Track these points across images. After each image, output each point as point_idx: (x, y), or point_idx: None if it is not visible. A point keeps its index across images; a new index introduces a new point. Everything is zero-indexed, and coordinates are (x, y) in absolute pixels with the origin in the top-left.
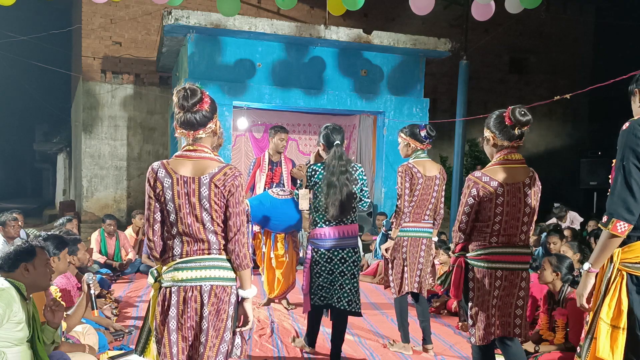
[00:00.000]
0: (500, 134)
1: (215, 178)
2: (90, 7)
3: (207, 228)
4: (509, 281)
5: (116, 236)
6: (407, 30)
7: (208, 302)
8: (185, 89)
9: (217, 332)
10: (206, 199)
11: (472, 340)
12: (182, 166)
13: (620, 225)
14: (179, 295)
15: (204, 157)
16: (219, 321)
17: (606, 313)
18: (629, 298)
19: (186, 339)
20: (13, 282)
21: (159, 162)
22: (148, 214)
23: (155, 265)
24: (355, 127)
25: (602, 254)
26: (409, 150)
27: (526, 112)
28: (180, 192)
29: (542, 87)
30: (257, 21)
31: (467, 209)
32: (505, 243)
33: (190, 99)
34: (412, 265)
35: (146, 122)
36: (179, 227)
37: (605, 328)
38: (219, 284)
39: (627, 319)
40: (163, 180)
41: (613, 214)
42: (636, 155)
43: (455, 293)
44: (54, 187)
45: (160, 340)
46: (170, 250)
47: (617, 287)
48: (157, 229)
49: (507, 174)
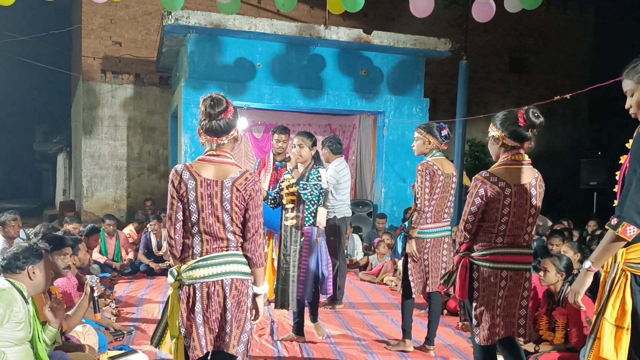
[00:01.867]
0: (511, 135)
1: (237, 182)
2: (90, 7)
3: (227, 228)
4: (513, 281)
5: (116, 236)
6: (407, 30)
7: (230, 294)
8: (212, 97)
9: (238, 323)
10: (228, 202)
11: (476, 340)
12: (205, 169)
13: (630, 229)
14: (202, 291)
15: (226, 162)
16: (239, 312)
17: (610, 313)
18: (633, 298)
19: (212, 331)
20: (14, 282)
21: (181, 164)
22: (170, 213)
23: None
24: (355, 127)
25: (605, 254)
26: (425, 148)
27: (539, 114)
28: (204, 193)
29: (542, 87)
30: (257, 21)
31: (473, 209)
32: (510, 243)
33: (217, 107)
34: (434, 265)
35: (146, 122)
36: (200, 227)
37: (609, 328)
38: (239, 277)
39: (631, 319)
40: (187, 182)
41: (625, 217)
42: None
43: (461, 293)
44: (54, 187)
45: (189, 334)
46: (189, 249)
47: (621, 288)
48: (178, 228)
49: (515, 175)
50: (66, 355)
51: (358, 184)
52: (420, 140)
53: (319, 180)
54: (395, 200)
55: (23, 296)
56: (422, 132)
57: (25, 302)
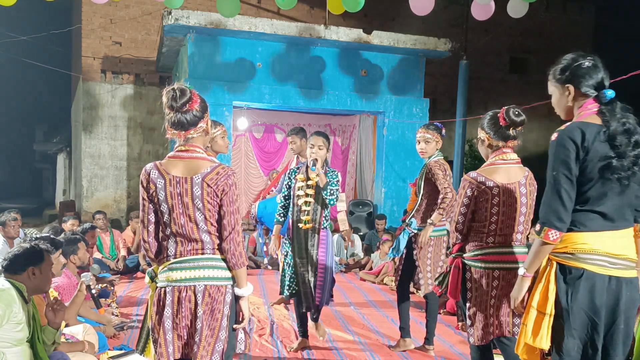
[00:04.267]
0: (495, 135)
1: (207, 177)
2: (90, 7)
3: (200, 228)
4: (506, 281)
5: (110, 231)
6: (407, 30)
7: (202, 302)
8: (174, 89)
9: (212, 332)
10: (199, 199)
11: (471, 340)
12: (174, 167)
13: (552, 234)
14: (174, 295)
15: (196, 157)
16: (213, 320)
17: (536, 300)
18: (557, 285)
19: (181, 338)
20: (14, 282)
21: (151, 163)
22: (142, 215)
23: (152, 266)
24: (355, 127)
25: (535, 259)
26: (434, 149)
27: (520, 112)
28: (173, 192)
29: (542, 87)
30: (257, 21)
31: (463, 209)
32: (501, 243)
33: (180, 99)
34: (435, 264)
35: (146, 122)
36: (172, 228)
37: (534, 314)
38: (213, 283)
39: (554, 306)
40: (156, 181)
41: (546, 222)
42: (566, 165)
43: (454, 294)
44: (54, 187)
45: (156, 340)
46: (165, 250)
47: (547, 275)
48: (151, 230)
49: (503, 174)
50: (66, 355)
51: (358, 184)
52: (433, 142)
53: (338, 184)
54: (395, 200)
55: (23, 297)
56: (434, 133)
57: (25, 303)
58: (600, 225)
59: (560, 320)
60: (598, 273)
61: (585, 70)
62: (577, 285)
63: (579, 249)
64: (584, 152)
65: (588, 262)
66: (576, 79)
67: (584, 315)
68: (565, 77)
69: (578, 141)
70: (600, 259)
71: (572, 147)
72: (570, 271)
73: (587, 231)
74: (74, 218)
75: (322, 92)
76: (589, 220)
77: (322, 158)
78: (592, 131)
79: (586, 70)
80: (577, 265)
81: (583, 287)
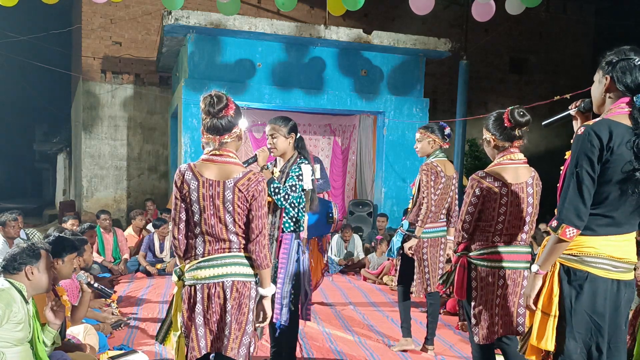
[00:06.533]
0: (500, 136)
1: (239, 183)
2: (90, 7)
3: (229, 229)
4: (511, 280)
5: (113, 232)
6: (407, 30)
7: (230, 297)
8: (212, 95)
9: (239, 325)
10: (230, 202)
11: (475, 339)
12: (207, 169)
13: (569, 231)
14: (204, 292)
15: (229, 162)
16: (240, 315)
17: (541, 301)
18: (560, 286)
19: (213, 332)
20: (13, 282)
21: (186, 164)
22: (174, 213)
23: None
24: (355, 127)
25: (550, 256)
26: (430, 148)
27: (525, 113)
28: (206, 194)
29: (542, 87)
30: (257, 21)
31: (470, 208)
32: (507, 242)
33: (217, 105)
34: (433, 265)
35: (146, 122)
36: (202, 227)
37: (539, 315)
38: (240, 279)
39: (557, 307)
40: (190, 182)
41: (564, 219)
42: (590, 162)
43: (459, 293)
44: (54, 187)
45: (188, 334)
46: (192, 249)
47: (551, 277)
48: (182, 228)
49: (511, 174)
50: (66, 355)
51: (358, 184)
52: (424, 140)
53: (300, 179)
54: (395, 200)
55: (23, 296)
56: (425, 132)
57: (25, 303)
58: (608, 230)
59: (563, 322)
60: (602, 277)
61: (628, 67)
62: (581, 288)
63: (584, 252)
64: (609, 153)
65: (593, 265)
66: (615, 73)
67: (588, 318)
68: (608, 67)
69: (605, 139)
70: (604, 262)
71: (597, 144)
72: (574, 273)
73: (594, 235)
74: (74, 218)
75: (322, 92)
76: (598, 224)
77: (281, 147)
78: (620, 132)
79: (629, 67)
80: (582, 268)
81: (587, 289)
